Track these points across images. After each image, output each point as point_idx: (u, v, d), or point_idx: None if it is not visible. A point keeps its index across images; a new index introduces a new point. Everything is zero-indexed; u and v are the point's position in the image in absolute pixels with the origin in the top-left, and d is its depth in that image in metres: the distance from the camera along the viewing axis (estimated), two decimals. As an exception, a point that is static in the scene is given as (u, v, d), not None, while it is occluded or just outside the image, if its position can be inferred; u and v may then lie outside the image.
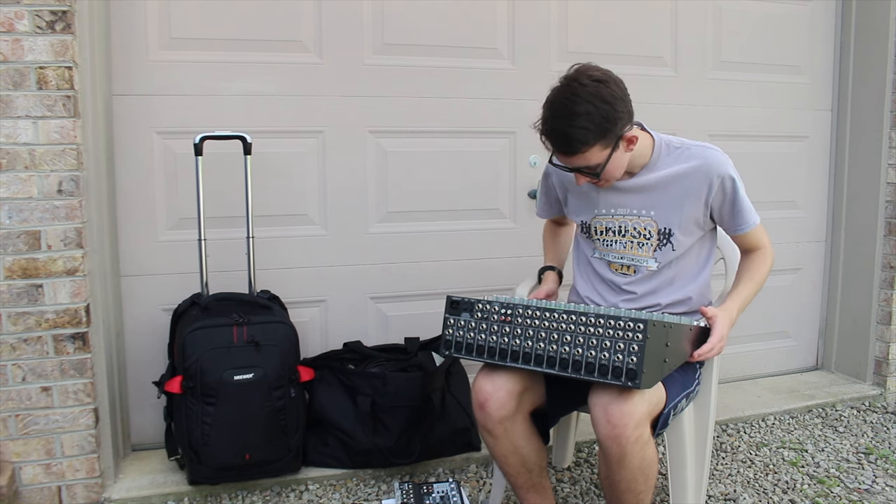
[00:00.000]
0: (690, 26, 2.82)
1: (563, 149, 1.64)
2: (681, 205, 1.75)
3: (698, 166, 1.74)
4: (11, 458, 1.95)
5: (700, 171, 1.73)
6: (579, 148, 1.61)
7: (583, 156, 1.63)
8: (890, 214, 2.93)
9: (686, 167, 1.75)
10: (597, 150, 1.63)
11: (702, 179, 1.73)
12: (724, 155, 1.76)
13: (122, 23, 2.20)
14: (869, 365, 3.03)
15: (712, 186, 1.73)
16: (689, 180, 1.74)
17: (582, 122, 1.58)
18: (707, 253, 1.86)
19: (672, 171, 1.76)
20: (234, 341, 2.03)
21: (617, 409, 1.47)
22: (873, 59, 2.92)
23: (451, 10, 2.51)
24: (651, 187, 1.77)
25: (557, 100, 1.63)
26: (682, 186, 1.75)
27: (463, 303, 1.66)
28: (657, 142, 1.78)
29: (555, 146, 1.65)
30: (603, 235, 1.85)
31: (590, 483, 2.24)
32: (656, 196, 1.77)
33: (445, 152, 2.57)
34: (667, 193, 1.76)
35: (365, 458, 2.19)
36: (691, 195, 1.74)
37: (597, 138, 1.61)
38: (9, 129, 1.85)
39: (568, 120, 1.59)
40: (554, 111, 1.63)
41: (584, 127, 1.59)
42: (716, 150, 1.76)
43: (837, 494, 2.17)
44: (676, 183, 1.75)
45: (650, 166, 1.78)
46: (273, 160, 2.37)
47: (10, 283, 1.90)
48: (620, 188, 1.80)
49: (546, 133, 1.65)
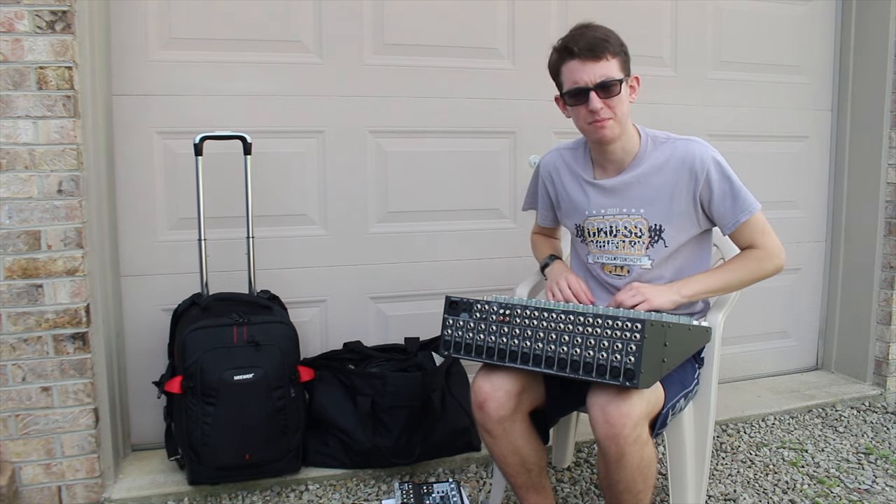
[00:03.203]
0: (690, 26, 2.82)
1: (588, 49, 1.65)
2: (669, 199, 1.75)
3: (682, 159, 1.74)
4: (11, 458, 1.95)
5: (684, 164, 1.73)
6: (605, 48, 1.65)
7: (606, 63, 1.66)
8: (890, 214, 2.93)
9: (670, 160, 1.75)
10: (616, 64, 1.67)
11: (686, 172, 1.73)
12: (708, 146, 1.75)
13: (122, 23, 2.20)
14: (869, 365, 3.02)
15: (699, 179, 1.72)
16: (675, 174, 1.74)
17: (605, 33, 1.67)
18: (704, 254, 1.86)
19: (657, 165, 1.76)
20: (234, 341, 2.03)
21: (615, 409, 1.47)
22: (873, 59, 2.92)
23: (451, 10, 2.52)
24: (638, 183, 1.77)
25: (576, 27, 1.70)
26: (667, 180, 1.75)
27: (462, 303, 1.67)
28: (643, 137, 1.79)
29: (579, 50, 1.65)
30: (595, 237, 1.85)
31: (590, 483, 2.24)
32: (644, 191, 1.77)
33: (445, 152, 2.57)
34: (654, 188, 1.76)
35: (365, 458, 2.19)
36: (678, 189, 1.74)
37: (617, 52, 1.67)
38: (9, 129, 1.85)
39: (592, 29, 1.68)
40: (575, 27, 1.70)
41: (607, 35, 1.67)
42: (700, 142, 1.76)
43: (837, 494, 2.17)
44: (662, 176, 1.75)
45: (636, 161, 1.78)
46: (273, 160, 2.37)
47: (10, 283, 1.90)
48: (608, 187, 1.80)
49: (567, 39, 1.68)
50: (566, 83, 1.72)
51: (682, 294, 1.71)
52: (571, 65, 1.68)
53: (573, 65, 1.68)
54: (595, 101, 1.67)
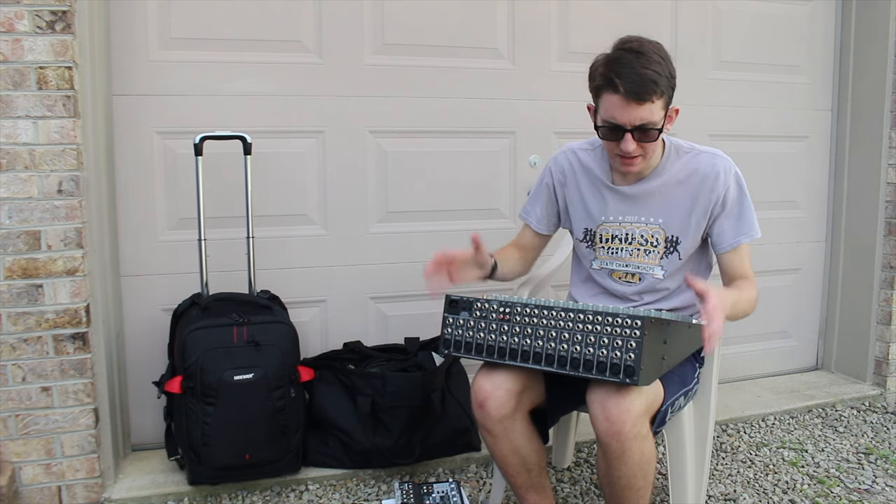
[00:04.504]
0: (690, 26, 2.82)
1: (635, 91, 1.53)
2: (688, 213, 1.73)
3: (706, 173, 1.71)
4: (11, 458, 1.95)
5: (707, 179, 1.71)
6: (653, 91, 1.54)
7: (650, 105, 1.55)
8: (890, 214, 2.93)
9: (694, 174, 1.73)
10: (660, 105, 1.58)
11: (709, 187, 1.71)
12: (730, 161, 1.74)
13: (122, 23, 2.20)
14: (869, 365, 3.02)
15: (719, 194, 1.71)
16: (697, 188, 1.72)
17: (657, 67, 1.54)
18: (707, 263, 1.86)
19: (679, 177, 1.74)
20: (234, 341, 2.03)
21: (615, 406, 1.47)
22: (873, 59, 2.92)
23: (451, 9, 2.52)
24: (659, 192, 1.75)
25: (628, 49, 1.56)
26: (689, 193, 1.73)
27: (462, 302, 1.66)
28: (667, 145, 1.77)
29: (626, 89, 1.53)
30: (608, 243, 1.82)
31: (590, 483, 2.24)
32: (664, 202, 1.75)
33: (445, 152, 2.57)
34: (674, 200, 1.74)
35: (365, 458, 2.19)
36: (698, 203, 1.72)
37: (664, 90, 1.57)
38: (9, 129, 1.85)
39: (645, 62, 1.53)
40: (625, 57, 1.54)
41: (658, 73, 1.54)
42: (723, 157, 1.74)
43: (837, 494, 2.17)
44: (684, 189, 1.73)
45: (659, 170, 1.75)
46: (273, 160, 2.37)
47: (10, 283, 1.90)
48: (628, 194, 1.78)
49: (616, 73, 1.54)
50: (603, 112, 1.63)
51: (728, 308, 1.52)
52: (613, 99, 1.58)
53: (615, 100, 1.57)
54: (629, 143, 1.61)
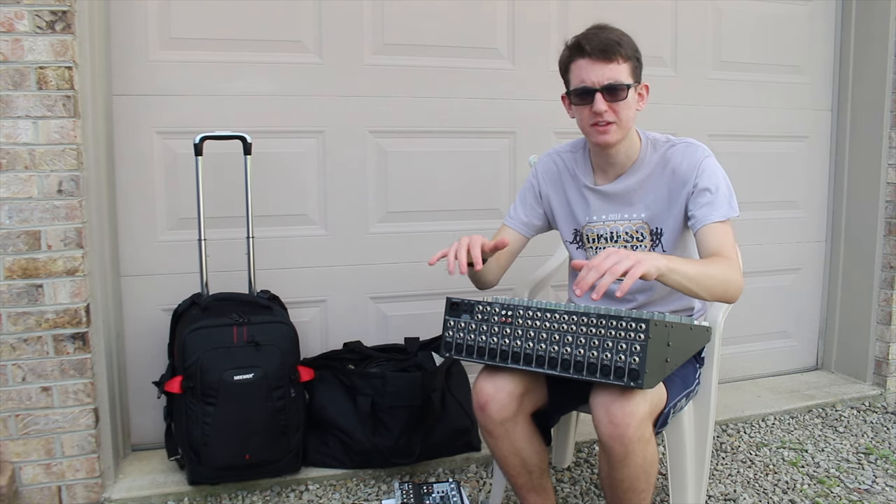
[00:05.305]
0: (690, 26, 2.82)
1: (599, 50, 1.63)
2: (667, 203, 1.74)
3: (678, 162, 1.72)
4: (11, 458, 1.95)
5: (680, 167, 1.72)
6: (617, 51, 1.63)
7: (616, 66, 1.64)
8: (890, 214, 2.93)
9: (668, 164, 1.74)
10: (626, 69, 1.66)
11: (682, 175, 1.72)
12: (704, 147, 1.74)
13: (122, 23, 2.20)
14: (869, 365, 3.03)
15: (693, 182, 1.70)
16: (671, 177, 1.73)
17: (620, 35, 1.66)
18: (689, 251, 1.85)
19: (658, 170, 1.75)
20: (234, 341, 2.03)
21: (619, 409, 1.47)
22: (873, 59, 2.92)
23: (451, 10, 2.51)
24: (639, 188, 1.76)
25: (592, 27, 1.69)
26: (665, 182, 1.74)
27: (463, 304, 1.66)
28: (644, 140, 1.78)
29: (591, 49, 1.64)
30: (595, 243, 1.83)
31: (590, 483, 2.24)
32: (644, 196, 1.76)
33: (445, 152, 2.57)
34: (653, 192, 1.75)
35: (365, 458, 2.19)
36: (674, 192, 1.73)
37: (629, 56, 1.66)
38: (9, 129, 1.85)
39: (608, 31, 1.66)
40: (590, 30, 1.67)
41: (620, 39, 1.65)
42: (696, 144, 1.75)
43: (837, 494, 2.17)
44: (660, 180, 1.75)
45: (637, 165, 1.77)
46: (273, 160, 2.37)
47: (10, 283, 1.89)
48: (609, 193, 1.79)
49: (581, 37, 1.66)
50: (573, 81, 1.70)
51: (668, 264, 1.47)
52: (581, 63, 1.66)
53: (583, 63, 1.66)
54: (600, 102, 1.64)
